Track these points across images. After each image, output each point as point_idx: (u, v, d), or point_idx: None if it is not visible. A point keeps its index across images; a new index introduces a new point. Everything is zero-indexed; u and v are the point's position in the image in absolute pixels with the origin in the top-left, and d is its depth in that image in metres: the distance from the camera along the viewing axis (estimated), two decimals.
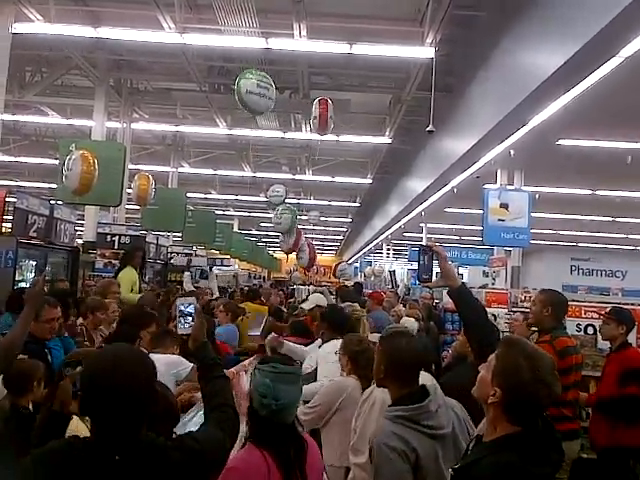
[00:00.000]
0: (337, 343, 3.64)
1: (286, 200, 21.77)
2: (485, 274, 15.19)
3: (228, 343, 5.46)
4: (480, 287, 11.52)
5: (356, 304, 5.37)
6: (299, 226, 19.16)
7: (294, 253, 13.49)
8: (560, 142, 9.07)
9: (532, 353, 1.71)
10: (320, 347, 4.15)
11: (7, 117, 12.68)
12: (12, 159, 17.11)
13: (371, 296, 7.33)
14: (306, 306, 5.62)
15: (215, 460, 1.63)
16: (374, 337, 4.31)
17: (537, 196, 11.36)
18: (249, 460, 1.93)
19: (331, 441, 3.23)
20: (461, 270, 24.47)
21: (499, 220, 9.58)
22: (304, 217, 22.56)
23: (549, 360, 1.71)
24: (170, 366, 3.25)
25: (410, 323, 4.81)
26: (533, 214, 11.51)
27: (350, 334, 3.68)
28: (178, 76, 11.41)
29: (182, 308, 2.04)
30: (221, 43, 9.02)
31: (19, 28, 8.33)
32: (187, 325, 2.02)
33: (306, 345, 4.52)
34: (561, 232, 21.56)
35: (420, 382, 2.32)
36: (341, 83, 11.41)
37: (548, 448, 1.64)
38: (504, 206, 9.61)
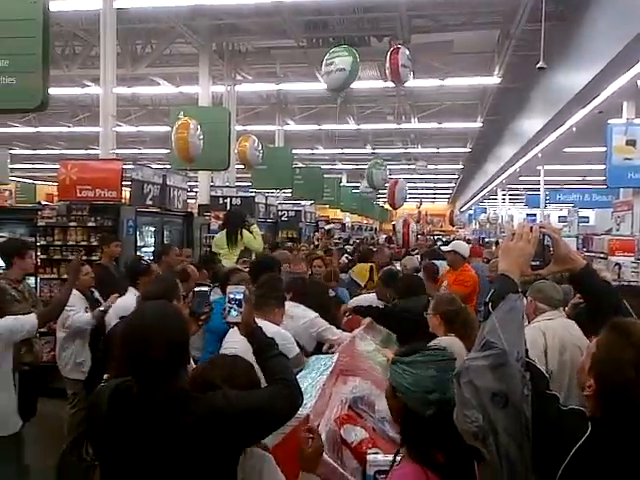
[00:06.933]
0: None
1: (393, 150, 21.54)
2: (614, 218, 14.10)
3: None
4: (604, 232, 10.68)
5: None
6: (403, 175, 18.76)
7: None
8: None
9: None
10: None
11: (124, 90, 13.53)
12: (133, 129, 18.31)
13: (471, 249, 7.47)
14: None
15: (245, 425, 1.68)
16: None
17: None
18: None
19: None
20: (587, 213, 22.81)
21: (625, 159, 8.69)
22: (412, 167, 22.13)
23: None
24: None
25: None
26: None
27: (440, 294, 3.49)
28: (276, 34, 11.41)
29: (232, 296, 2.00)
30: None
31: (122, 3, 8.71)
32: (236, 313, 1.98)
33: None
34: None
35: None
36: (444, 24, 10.75)
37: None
38: (631, 143, 8.68)
